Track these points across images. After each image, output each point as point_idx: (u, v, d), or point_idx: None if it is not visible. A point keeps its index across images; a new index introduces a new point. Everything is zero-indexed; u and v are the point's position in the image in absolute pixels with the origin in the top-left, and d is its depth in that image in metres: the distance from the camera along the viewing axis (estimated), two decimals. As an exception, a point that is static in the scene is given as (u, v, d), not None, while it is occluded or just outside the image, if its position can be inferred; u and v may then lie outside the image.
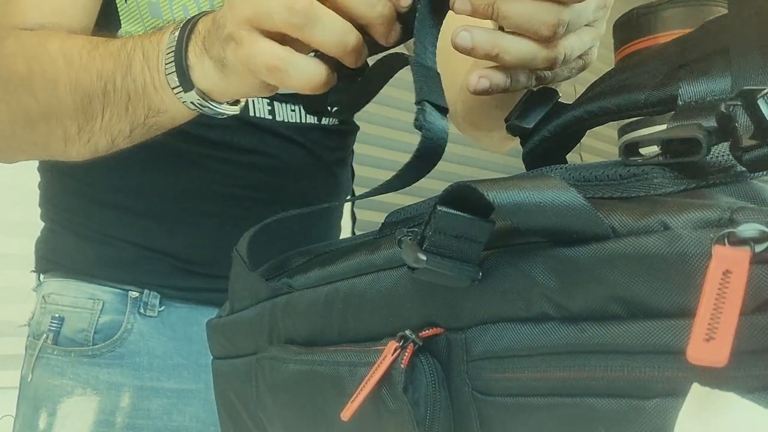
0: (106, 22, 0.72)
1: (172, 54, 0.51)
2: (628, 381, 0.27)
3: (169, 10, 0.71)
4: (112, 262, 0.77)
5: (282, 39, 0.44)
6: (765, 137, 0.28)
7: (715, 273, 0.22)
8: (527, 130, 0.41)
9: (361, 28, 0.44)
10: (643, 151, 0.32)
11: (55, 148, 0.62)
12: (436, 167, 0.40)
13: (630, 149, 0.32)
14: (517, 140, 0.63)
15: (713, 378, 0.23)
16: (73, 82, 0.57)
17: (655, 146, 0.30)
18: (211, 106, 0.51)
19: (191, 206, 0.77)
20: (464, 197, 0.31)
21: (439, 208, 0.31)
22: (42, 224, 0.83)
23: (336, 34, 0.43)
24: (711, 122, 0.29)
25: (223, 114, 0.52)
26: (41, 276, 0.82)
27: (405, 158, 0.47)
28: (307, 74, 0.45)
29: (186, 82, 0.51)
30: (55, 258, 0.80)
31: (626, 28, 1.72)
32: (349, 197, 0.93)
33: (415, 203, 0.42)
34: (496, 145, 0.78)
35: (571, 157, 0.43)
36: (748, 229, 0.22)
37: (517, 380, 0.31)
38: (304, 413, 0.42)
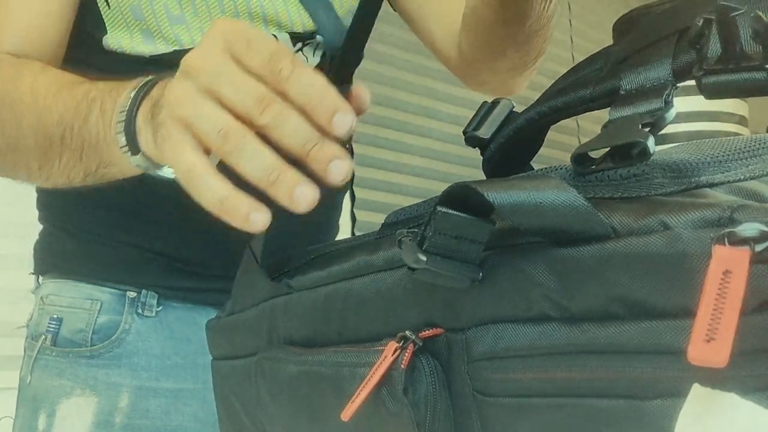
0: (93, 29, 0.72)
1: (125, 113, 0.51)
2: (629, 381, 0.27)
3: (150, 11, 0.71)
4: (109, 263, 0.77)
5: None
6: (729, 62, 0.27)
7: (715, 273, 0.22)
8: (485, 141, 0.42)
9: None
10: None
11: (21, 177, 0.65)
12: (435, 168, 0.40)
13: (581, 159, 0.32)
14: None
15: (714, 378, 0.23)
16: (35, 124, 0.59)
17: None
18: (155, 172, 0.52)
19: (188, 206, 0.77)
20: (464, 198, 0.31)
21: (438, 208, 0.31)
22: (41, 226, 0.83)
23: (260, 168, 0.40)
24: (648, 106, 0.29)
25: (166, 177, 0.53)
26: (40, 278, 0.82)
27: (405, 159, 0.47)
28: (213, 197, 0.43)
29: (133, 145, 0.51)
30: (53, 259, 0.80)
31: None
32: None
33: (414, 204, 0.42)
34: (504, 81, 0.78)
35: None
36: (748, 228, 0.22)
37: (517, 381, 0.31)
38: (303, 414, 0.42)
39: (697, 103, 2.32)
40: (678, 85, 0.30)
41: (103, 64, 0.71)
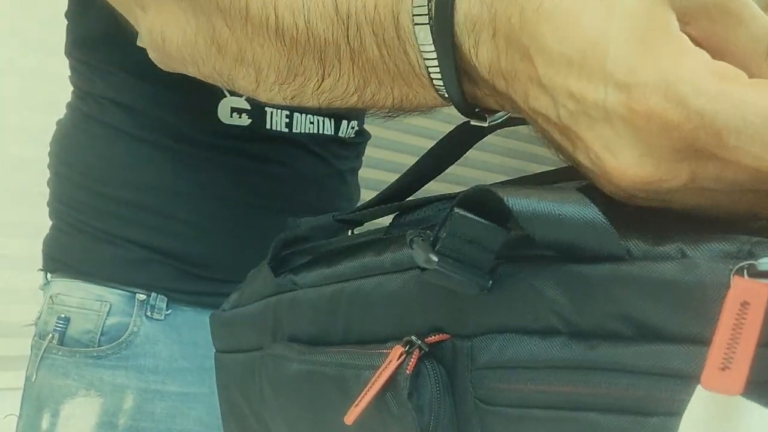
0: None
1: (434, 62, 0.34)
2: (633, 400, 0.27)
3: None
4: (120, 264, 0.76)
5: None
6: None
7: (733, 303, 0.22)
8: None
9: None
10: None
11: (241, 87, 0.47)
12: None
13: None
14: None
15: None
16: (279, 28, 0.41)
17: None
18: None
19: (201, 211, 0.77)
20: (482, 201, 0.31)
21: (456, 210, 0.31)
22: (45, 224, 0.82)
23: None
24: None
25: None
26: (48, 275, 0.81)
27: (405, 159, 0.47)
28: None
29: (465, 107, 0.36)
30: (62, 258, 0.79)
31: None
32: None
33: (420, 200, 0.42)
34: None
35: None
36: (768, 263, 0.23)
37: (520, 391, 0.31)
38: (306, 413, 0.42)
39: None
40: None
41: None
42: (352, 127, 0.85)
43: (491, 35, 0.32)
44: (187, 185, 0.76)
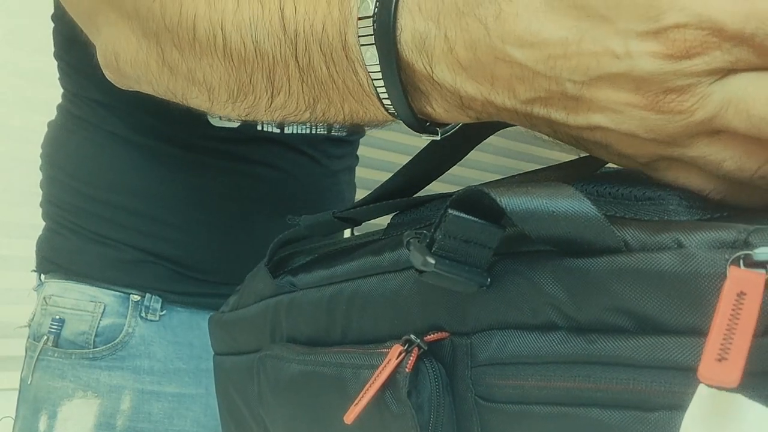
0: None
1: (381, 82, 0.35)
2: (633, 394, 0.27)
3: None
4: (113, 265, 0.76)
5: None
6: None
7: (729, 294, 0.22)
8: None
9: None
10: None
11: (196, 105, 0.48)
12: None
13: None
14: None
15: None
16: (227, 47, 0.41)
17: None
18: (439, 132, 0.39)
19: (192, 214, 0.76)
20: (475, 202, 0.31)
21: (450, 211, 0.31)
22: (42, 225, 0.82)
23: None
24: None
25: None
26: (42, 276, 0.81)
27: (404, 159, 0.47)
28: None
29: (416, 124, 0.36)
30: (56, 259, 0.79)
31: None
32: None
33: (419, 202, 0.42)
34: None
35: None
36: (765, 252, 0.22)
37: (520, 387, 0.31)
38: (305, 413, 0.42)
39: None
40: None
41: None
42: None
43: (447, 50, 0.32)
44: (177, 189, 0.76)
